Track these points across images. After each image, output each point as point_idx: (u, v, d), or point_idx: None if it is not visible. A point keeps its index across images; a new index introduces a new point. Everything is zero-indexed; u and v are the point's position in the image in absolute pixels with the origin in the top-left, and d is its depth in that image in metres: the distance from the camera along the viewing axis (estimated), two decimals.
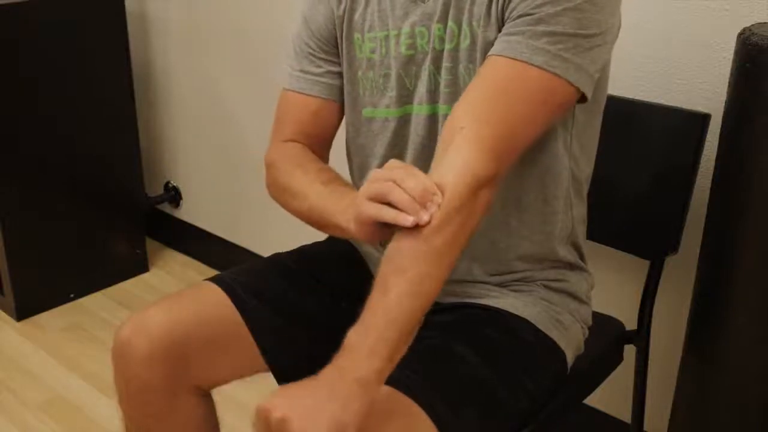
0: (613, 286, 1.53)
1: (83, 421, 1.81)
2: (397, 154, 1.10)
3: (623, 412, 1.58)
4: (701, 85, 1.34)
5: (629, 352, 1.33)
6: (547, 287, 1.11)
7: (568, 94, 0.95)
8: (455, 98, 1.02)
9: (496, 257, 1.09)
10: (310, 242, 1.27)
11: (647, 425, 1.42)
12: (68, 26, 2.12)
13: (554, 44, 0.91)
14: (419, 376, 0.95)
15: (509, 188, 1.04)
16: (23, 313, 2.23)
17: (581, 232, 1.15)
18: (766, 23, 1.09)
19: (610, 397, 1.56)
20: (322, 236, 1.29)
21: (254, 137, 2.20)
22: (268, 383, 1.11)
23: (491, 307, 1.08)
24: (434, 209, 0.85)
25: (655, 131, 1.30)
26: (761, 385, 1.08)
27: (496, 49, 0.95)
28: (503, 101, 0.92)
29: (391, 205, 0.85)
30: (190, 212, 2.55)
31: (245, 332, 1.09)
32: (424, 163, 1.05)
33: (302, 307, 1.14)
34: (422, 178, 0.86)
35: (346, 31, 1.10)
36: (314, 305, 1.14)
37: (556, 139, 1.03)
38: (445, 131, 0.93)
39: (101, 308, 2.29)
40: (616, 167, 1.30)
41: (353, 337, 0.82)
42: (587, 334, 1.17)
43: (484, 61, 0.98)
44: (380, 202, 0.86)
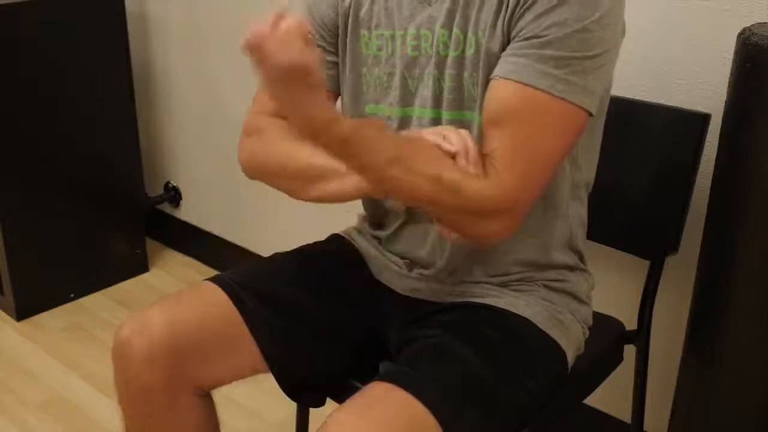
0: (613, 286, 1.53)
1: (83, 421, 1.81)
2: None
3: (623, 412, 1.58)
4: (701, 85, 1.34)
5: (629, 352, 1.33)
6: (547, 287, 1.11)
7: (581, 117, 0.96)
8: (459, 105, 1.02)
9: (495, 261, 1.10)
10: (310, 242, 1.27)
11: (647, 425, 1.42)
12: (68, 26, 2.12)
13: (560, 68, 0.92)
14: (421, 374, 0.95)
15: None
16: (23, 313, 2.23)
17: (581, 235, 1.15)
18: (766, 23, 1.09)
19: (610, 397, 1.56)
20: (322, 236, 1.29)
21: None
22: (268, 383, 1.11)
23: (492, 306, 1.08)
24: (472, 170, 0.91)
25: (655, 131, 1.30)
26: (761, 385, 1.08)
27: (507, 70, 0.94)
28: (527, 132, 0.94)
29: None
30: (190, 212, 2.55)
31: (245, 332, 1.09)
32: None
33: (302, 307, 1.13)
34: (476, 152, 0.92)
35: (351, 26, 1.10)
36: (314, 305, 1.14)
37: None
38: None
39: (101, 308, 2.29)
40: (616, 167, 1.30)
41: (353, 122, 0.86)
42: (587, 334, 1.17)
43: (487, 70, 0.98)
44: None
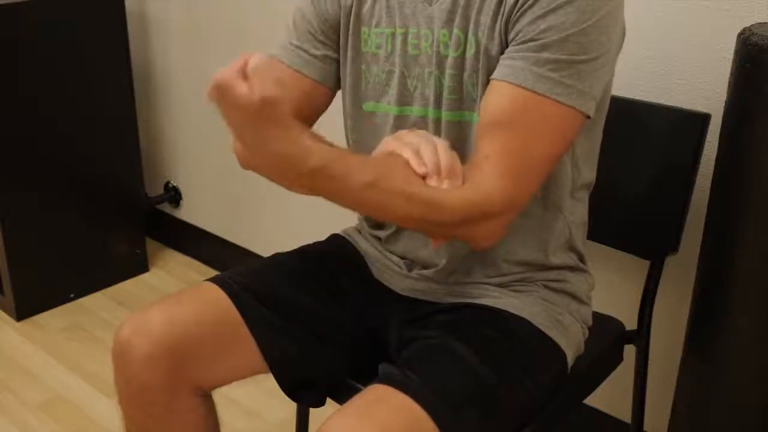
0: (613, 286, 1.53)
1: (83, 421, 1.81)
2: None
3: (623, 412, 1.58)
4: (701, 85, 1.34)
5: (629, 352, 1.33)
6: (547, 287, 1.11)
7: (577, 120, 0.96)
8: (459, 106, 1.02)
9: (494, 260, 1.09)
10: (310, 242, 1.27)
11: (647, 425, 1.42)
12: (68, 26, 2.12)
13: (556, 71, 0.92)
14: (420, 376, 0.95)
15: None
16: (23, 313, 2.23)
17: (581, 235, 1.15)
18: (766, 23, 1.09)
19: (610, 397, 1.56)
20: (322, 236, 1.29)
21: None
22: (268, 383, 1.11)
23: (491, 307, 1.08)
24: (446, 186, 0.88)
25: (655, 131, 1.30)
26: (761, 385, 1.08)
27: (504, 73, 0.94)
28: (522, 135, 0.93)
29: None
30: (190, 212, 2.55)
31: (245, 332, 1.09)
32: None
33: (302, 307, 1.13)
34: (457, 160, 0.90)
35: (353, 23, 1.10)
36: (314, 305, 1.14)
37: None
38: (472, 158, 0.96)
39: (101, 308, 2.29)
40: (616, 167, 1.30)
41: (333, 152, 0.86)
42: (587, 334, 1.17)
43: (486, 71, 0.98)
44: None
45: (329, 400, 1.17)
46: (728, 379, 1.11)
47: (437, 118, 1.05)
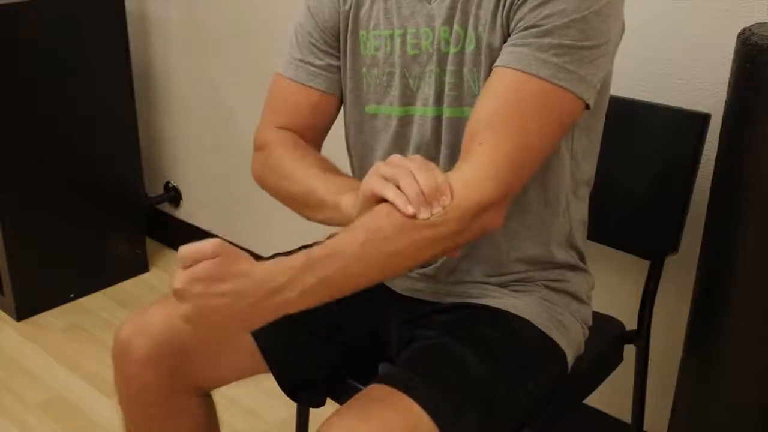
0: (613, 286, 1.53)
1: (83, 421, 1.81)
2: (398, 152, 1.09)
3: (623, 412, 1.58)
4: (701, 85, 1.33)
5: (629, 352, 1.33)
6: (547, 287, 1.11)
7: (575, 106, 0.95)
8: (460, 102, 1.02)
9: (496, 258, 1.09)
10: (310, 242, 1.27)
11: (647, 425, 1.42)
12: (68, 26, 2.12)
13: (560, 56, 0.91)
14: (420, 376, 0.95)
15: None
16: (23, 313, 2.23)
17: (581, 234, 1.15)
18: (766, 23, 1.09)
19: (610, 397, 1.56)
20: (322, 236, 1.28)
21: None
22: (268, 383, 1.11)
23: (492, 307, 1.08)
24: (438, 210, 0.86)
25: (655, 131, 1.30)
26: (761, 385, 1.08)
27: (504, 60, 0.94)
28: (519, 119, 0.92)
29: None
30: (190, 212, 2.55)
31: (245, 332, 1.09)
32: None
33: None
34: (437, 174, 0.87)
35: (351, 27, 1.10)
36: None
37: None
38: (464, 144, 0.94)
39: (101, 308, 2.29)
40: (616, 167, 1.30)
41: (301, 258, 0.85)
42: (587, 334, 1.17)
43: (488, 65, 0.98)
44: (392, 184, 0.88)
45: (329, 400, 1.17)
46: (728, 379, 1.11)
47: (438, 115, 1.05)
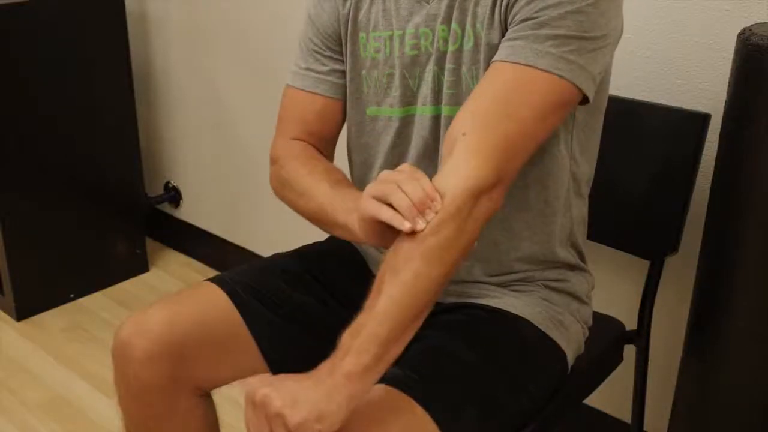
0: (613, 286, 1.53)
1: (83, 421, 1.81)
2: (399, 153, 1.10)
3: (623, 412, 1.58)
4: (701, 85, 1.34)
5: (629, 352, 1.33)
6: (547, 287, 1.11)
7: (572, 96, 0.95)
8: (458, 100, 1.02)
9: (497, 258, 1.09)
10: (310, 242, 1.27)
11: (647, 425, 1.42)
12: (68, 26, 2.12)
13: (558, 47, 0.91)
14: (420, 376, 0.95)
15: (511, 188, 1.04)
16: (23, 313, 2.23)
17: (581, 233, 1.15)
18: (766, 23, 1.09)
19: (610, 397, 1.56)
20: (322, 236, 1.29)
21: (254, 137, 2.20)
22: None
23: (492, 307, 1.08)
24: (431, 216, 0.86)
25: (655, 131, 1.30)
26: (761, 385, 1.08)
27: (500, 54, 0.95)
28: (508, 106, 0.92)
29: (393, 207, 0.86)
30: (190, 212, 2.55)
31: (245, 332, 1.09)
32: (427, 162, 1.06)
33: (303, 307, 1.14)
34: (424, 182, 0.87)
35: (350, 29, 1.10)
36: (314, 305, 1.14)
37: (557, 139, 1.03)
38: (448, 136, 0.93)
39: (101, 308, 2.29)
40: (616, 167, 1.30)
41: (345, 335, 0.84)
42: (587, 334, 1.17)
43: (487, 63, 0.98)
44: (383, 203, 0.87)
45: None
46: (728, 379, 1.11)
47: (437, 114, 1.05)
